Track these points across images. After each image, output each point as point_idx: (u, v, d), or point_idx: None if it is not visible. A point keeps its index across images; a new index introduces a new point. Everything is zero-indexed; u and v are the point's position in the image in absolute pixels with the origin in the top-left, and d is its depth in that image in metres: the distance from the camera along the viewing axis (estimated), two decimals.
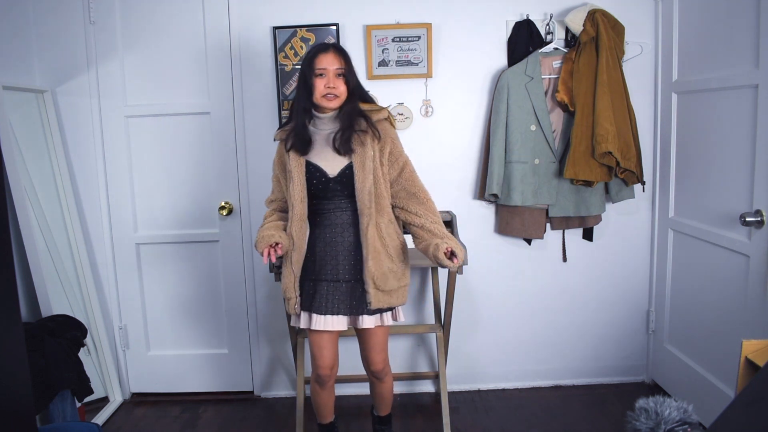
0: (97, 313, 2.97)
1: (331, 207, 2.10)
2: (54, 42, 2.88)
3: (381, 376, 2.28)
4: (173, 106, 2.94)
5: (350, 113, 2.07)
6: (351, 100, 2.09)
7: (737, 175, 2.33)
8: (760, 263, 2.19)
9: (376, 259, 2.07)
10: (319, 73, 2.03)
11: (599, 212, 2.87)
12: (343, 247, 2.10)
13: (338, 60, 2.04)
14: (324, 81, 2.03)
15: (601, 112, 2.64)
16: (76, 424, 2.21)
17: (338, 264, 2.10)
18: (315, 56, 2.05)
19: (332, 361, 2.20)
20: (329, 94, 2.04)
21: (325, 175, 2.08)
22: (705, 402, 2.47)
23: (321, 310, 2.08)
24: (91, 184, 2.98)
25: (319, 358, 2.18)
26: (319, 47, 2.08)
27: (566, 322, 3.09)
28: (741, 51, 2.29)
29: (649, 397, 1.84)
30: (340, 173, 2.07)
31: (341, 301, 2.09)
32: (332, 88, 2.03)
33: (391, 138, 2.12)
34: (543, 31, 2.83)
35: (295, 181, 2.08)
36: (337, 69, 2.04)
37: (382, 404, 2.41)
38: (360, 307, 2.10)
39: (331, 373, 2.22)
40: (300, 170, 2.08)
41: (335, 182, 2.08)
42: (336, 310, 2.09)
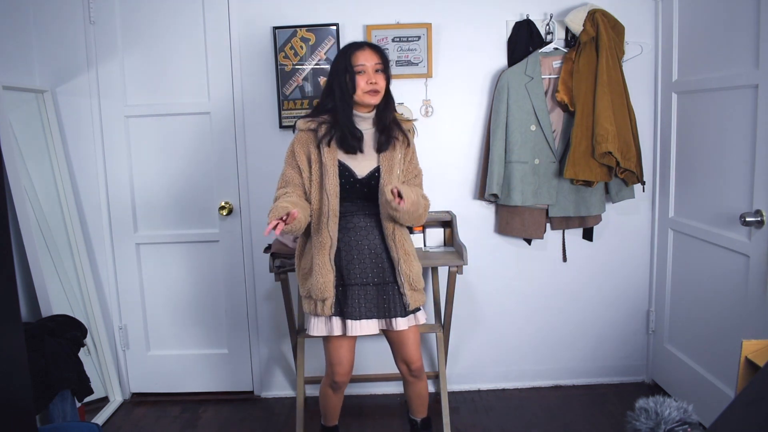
0: (97, 313, 2.97)
1: (354, 209, 2.09)
2: (54, 42, 2.88)
3: (419, 374, 2.27)
4: (173, 106, 2.94)
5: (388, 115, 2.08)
6: (387, 100, 2.08)
7: (737, 175, 2.33)
8: (760, 263, 2.19)
9: (408, 261, 2.11)
10: (359, 70, 2.01)
11: (599, 212, 2.87)
12: (369, 251, 2.08)
13: (375, 55, 2.04)
14: (365, 77, 2.02)
15: (601, 112, 2.64)
16: (76, 424, 2.21)
17: (366, 267, 2.08)
18: (351, 54, 2.03)
19: (350, 368, 2.20)
20: (372, 90, 2.02)
21: (354, 176, 2.06)
22: (705, 402, 2.47)
23: (354, 314, 2.06)
24: (91, 184, 2.98)
25: (338, 364, 2.16)
26: (351, 45, 2.06)
27: (566, 322, 3.09)
28: (741, 51, 2.29)
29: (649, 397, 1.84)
30: (368, 175, 2.07)
31: (373, 305, 2.09)
32: (374, 83, 2.02)
33: (414, 150, 2.17)
34: (543, 31, 2.83)
35: (329, 175, 2.03)
36: (376, 64, 2.03)
37: (421, 405, 2.37)
38: (392, 310, 2.09)
39: (348, 379, 2.22)
40: (333, 164, 2.04)
41: (362, 184, 2.07)
42: (369, 314, 2.07)
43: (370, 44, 2.08)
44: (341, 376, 2.18)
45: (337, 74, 2.05)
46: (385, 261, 2.10)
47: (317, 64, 2.85)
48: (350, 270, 2.08)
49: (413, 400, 2.36)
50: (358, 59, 2.02)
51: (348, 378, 2.21)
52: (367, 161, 2.08)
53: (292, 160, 2.11)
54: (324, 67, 2.85)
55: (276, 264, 2.50)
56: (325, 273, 2.05)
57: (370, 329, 2.08)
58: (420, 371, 2.26)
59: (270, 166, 2.94)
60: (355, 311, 2.06)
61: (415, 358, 2.22)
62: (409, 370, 2.26)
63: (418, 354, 2.23)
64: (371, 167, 2.07)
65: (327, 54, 2.85)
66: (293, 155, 2.11)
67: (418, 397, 2.34)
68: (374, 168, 2.07)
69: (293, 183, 2.11)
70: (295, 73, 2.86)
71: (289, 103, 2.88)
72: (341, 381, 2.20)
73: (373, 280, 2.09)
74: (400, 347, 2.21)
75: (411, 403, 2.38)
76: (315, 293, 2.07)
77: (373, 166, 2.07)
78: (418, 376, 2.28)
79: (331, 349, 2.16)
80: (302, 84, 2.87)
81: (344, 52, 2.06)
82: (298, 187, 2.10)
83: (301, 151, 2.10)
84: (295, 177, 2.11)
